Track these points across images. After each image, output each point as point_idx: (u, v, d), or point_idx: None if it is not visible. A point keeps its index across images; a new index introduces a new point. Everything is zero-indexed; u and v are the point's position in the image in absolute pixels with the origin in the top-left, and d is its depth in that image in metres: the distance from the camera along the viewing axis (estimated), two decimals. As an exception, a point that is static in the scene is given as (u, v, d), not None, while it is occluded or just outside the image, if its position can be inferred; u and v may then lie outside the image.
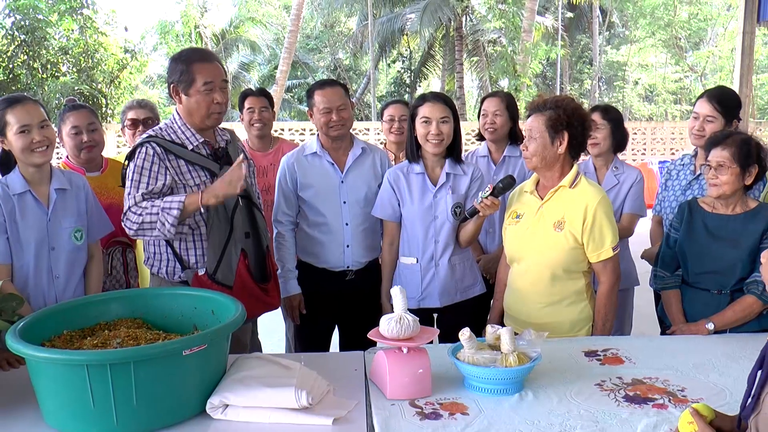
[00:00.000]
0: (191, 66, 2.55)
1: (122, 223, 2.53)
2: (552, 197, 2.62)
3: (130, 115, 3.61)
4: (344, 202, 3.10)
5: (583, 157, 3.58)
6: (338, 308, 3.18)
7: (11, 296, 2.13)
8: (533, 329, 2.20)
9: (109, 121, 13.95)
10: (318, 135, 3.17)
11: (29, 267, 2.48)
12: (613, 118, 3.46)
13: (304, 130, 16.25)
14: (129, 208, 2.49)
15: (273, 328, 4.12)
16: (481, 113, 3.58)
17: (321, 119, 3.05)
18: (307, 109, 3.19)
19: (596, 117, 3.41)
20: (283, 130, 16.03)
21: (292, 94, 27.92)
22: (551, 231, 2.59)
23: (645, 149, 16.98)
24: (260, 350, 3.85)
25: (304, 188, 3.11)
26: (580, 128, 2.58)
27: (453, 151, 2.98)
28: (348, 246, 3.10)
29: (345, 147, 3.16)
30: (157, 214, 2.42)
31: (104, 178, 3.22)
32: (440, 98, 2.95)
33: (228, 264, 2.60)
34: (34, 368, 1.82)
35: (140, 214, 2.45)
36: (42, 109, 2.52)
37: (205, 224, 2.59)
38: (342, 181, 3.11)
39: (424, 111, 2.89)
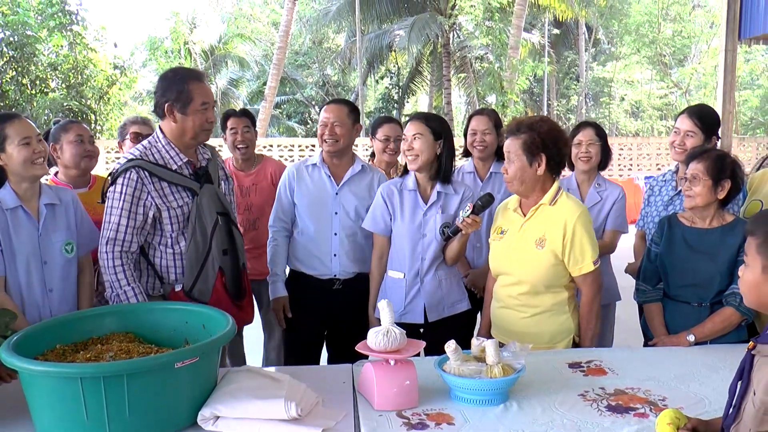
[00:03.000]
0: (188, 85, 2.61)
1: (99, 249, 2.60)
2: (534, 215, 2.67)
3: (134, 129, 3.66)
4: (335, 213, 3.18)
5: (567, 172, 3.66)
6: (327, 320, 3.23)
7: (4, 311, 2.16)
8: (516, 339, 2.26)
9: (98, 137, 13.95)
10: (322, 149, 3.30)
11: (22, 281, 2.51)
12: (602, 135, 3.54)
13: (293, 146, 16.30)
14: (111, 244, 2.56)
15: (254, 348, 4.12)
16: (469, 131, 3.63)
17: (318, 131, 3.21)
18: None
19: (589, 132, 3.50)
20: (271, 146, 16.06)
21: (280, 110, 27.98)
22: (533, 248, 2.64)
23: (631, 165, 17.12)
24: (245, 361, 3.89)
25: (300, 196, 3.22)
26: (556, 149, 2.61)
27: (443, 171, 3.01)
28: (335, 255, 3.17)
29: (345, 163, 3.25)
30: (122, 291, 2.54)
31: (91, 195, 3.24)
32: (418, 117, 3.01)
33: (205, 281, 2.67)
34: (28, 382, 1.84)
35: (114, 272, 2.55)
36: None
37: (185, 241, 2.65)
38: (336, 193, 3.19)
39: (404, 131, 3.01)
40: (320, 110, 3.28)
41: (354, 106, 3.29)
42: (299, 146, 16.28)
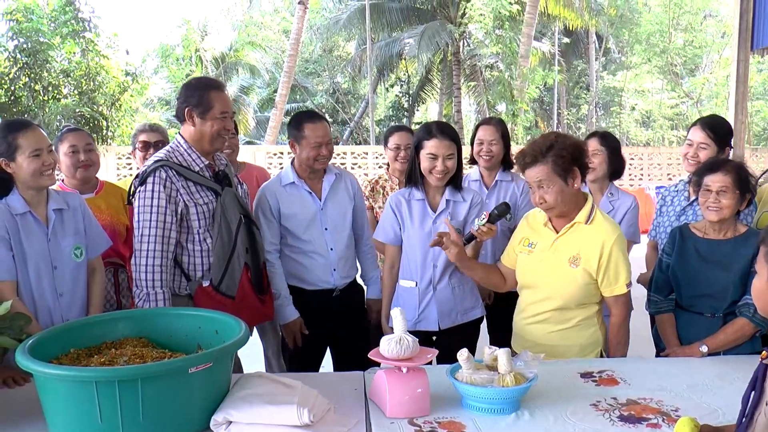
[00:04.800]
0: (210, 93, 2.75)
1: (135, 246, 2.67)
2: (567, 232, 2.62)
3: (142, 137, 3.70)
4: (326, 229, 3.15)
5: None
6: (328, 326, 3.20)
7: (19, 315, 2.17)
8: (544, 352, 2.25)
9: (110, 144, 14.03)
10: (293, 163, 3.20)
11: (33, 286, 2.53)
12: (611, 144, 3.49)
13: (303, 153, 16.30)
14: (153, 242, 2.64)
15: (251, 353, 4.09)
16: (476, 140, 3.63)
17: (310, 153, 3.06)
18: (289, 138, 3.16)
19: (593, 142, 3.47)
20: (282, 153, 16.11)
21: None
22: (566, 266, 2.60)
23: (642, 174, 17.06)
24: (241, 369, 3.87)
25: (287, 218, 3.13)
26: (582, 156, 2.59)
27: (454, 179, 3.02)
28: (335, 270, 3.16)
29: (320, 174, 3.20)
30: (153, 291, 2.64)
31: (97, 200, 3.25)
32: (447, 134, 2.93)
33: (231, 276, 2.78)
34: (43, 385, 1.86)
35: (152, 270, 2.64)
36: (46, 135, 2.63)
37: (212, 239, 2.76)
38: (321, 209, 3.15)
39: (430, 147, 2.91)
40: (300, 125, 3.09)
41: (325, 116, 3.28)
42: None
